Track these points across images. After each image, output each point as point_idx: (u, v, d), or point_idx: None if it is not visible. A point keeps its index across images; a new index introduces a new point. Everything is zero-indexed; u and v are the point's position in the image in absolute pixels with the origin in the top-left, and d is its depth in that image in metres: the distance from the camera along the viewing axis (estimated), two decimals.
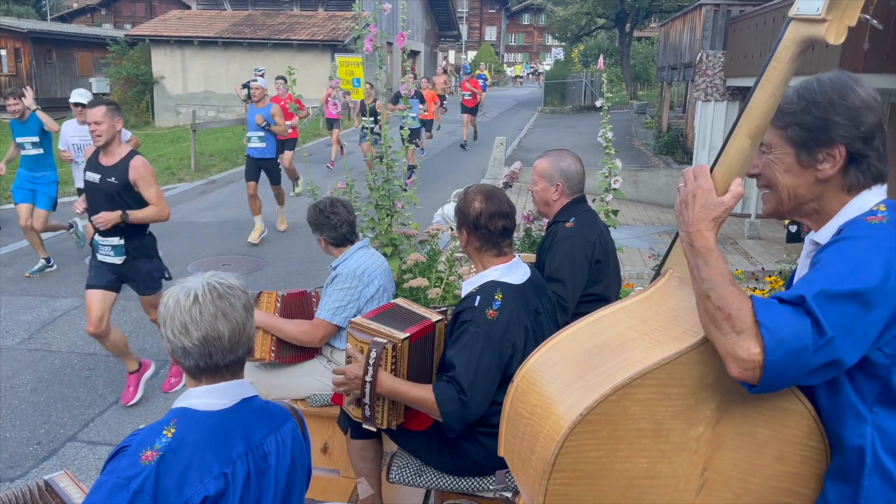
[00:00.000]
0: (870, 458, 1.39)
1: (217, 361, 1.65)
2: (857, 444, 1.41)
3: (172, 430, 1.59)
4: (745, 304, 1.30)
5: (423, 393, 2.40)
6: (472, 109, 18.68)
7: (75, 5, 47.55)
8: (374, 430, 2.59)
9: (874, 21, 1.51)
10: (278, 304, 3.33)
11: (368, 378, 2.43)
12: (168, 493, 1.52)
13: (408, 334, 2.49)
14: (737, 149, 1.47)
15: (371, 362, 2.42)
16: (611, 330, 1.54)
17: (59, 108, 27.92)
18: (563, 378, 1.51)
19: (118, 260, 4.41)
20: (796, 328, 1.26)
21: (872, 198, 1.44)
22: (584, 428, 1.40)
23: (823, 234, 1.46)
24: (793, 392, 1.46)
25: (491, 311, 2.40)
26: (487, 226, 2.50)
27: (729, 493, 1.48)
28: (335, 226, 3.32)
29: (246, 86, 15.97)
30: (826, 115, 1.42)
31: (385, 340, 2.45)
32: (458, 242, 2.67)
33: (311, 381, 3.38)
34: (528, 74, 59.40)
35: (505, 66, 62.85)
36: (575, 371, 1.49)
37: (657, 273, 1.68)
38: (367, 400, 2.47)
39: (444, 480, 2.65)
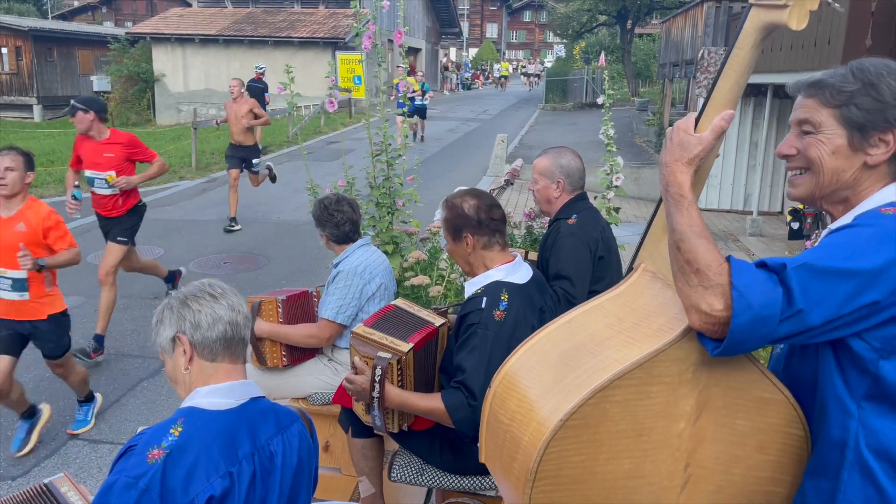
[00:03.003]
0: (851, 453, 1.37)
1: (243, 334, 1.75)
2: (839, 438, 1.39)
3: (179, 429, 1.60)
4: (716, 260, 1.30)
5: (432, 403, 2.39)
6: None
7: (76, 3, 47.57)
8: (385, 434, 2.59)
9: (836, 4, 1.48)
10: (280, 310, 3.32)
11: (375, 394, 2.42)
12: (175, 491, 1.52)
13: (411, 344, 2.45)
14: None
15: (377, 379, 2.40)
16: (586, 329, 1.52)
17: (61, 106, 27.99)
18: (541, 382, 1.49)
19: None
20: (767, 296, 1.25)
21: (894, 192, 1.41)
22: (564, 434, 1.38)
23: (839, 223, 1.44)
24: (771, 382, 1.45)
25: (498, 312, 2.38)
26: (490, 216, 2.51)
27: (712, 486, 1.47)
28: (338, 223, 3.32)
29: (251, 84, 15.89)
30: (884, 98, 1.37)
31: (389, 355, 2.42)
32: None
33: (312, 379, 3.38)
34: (523, 76, 48.71)
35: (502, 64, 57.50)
36: (553, 374, 1.47)
37: (630, 267, 1.66)
38: (376, 412, 2.47)
39: (446, 479, 2.65)
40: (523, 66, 53.21)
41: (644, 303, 1.52)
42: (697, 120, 1.46)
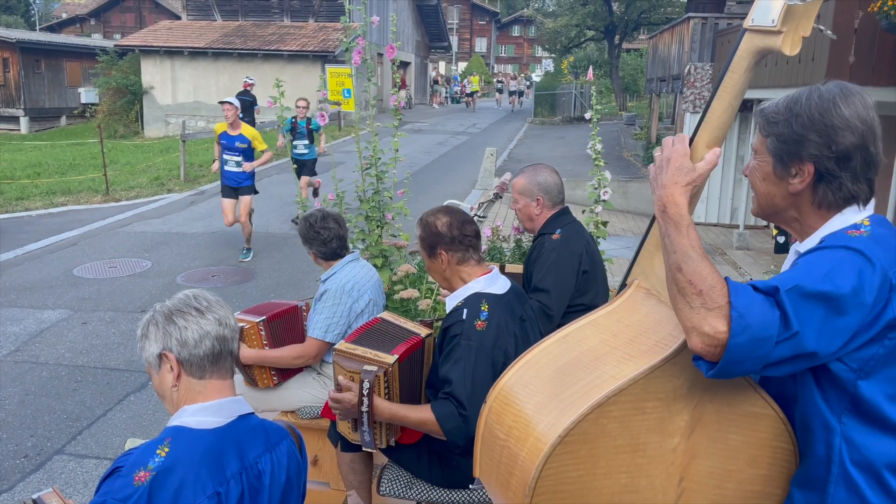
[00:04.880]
0: (836, 468, 1.40)
1: (231, 347, 1.71)
2: (824, 454, 1.42)
3: (166, 450, 1.58)
4: (719, 282, 1.31)
5: (422, 414, 2.39)
6: None
7: (64, 15, 47.51)
8: (374, 450, 2.58)
9: (828, 31, 1.51)
10: (262, 333, 3.27)
11: (364, 409, 2.42)
12: None
13: (396, 356, 2.45)
14: (697, 160, 1.48)
15: (365, 392, 2.40)
16: (582, 345, 1.54)
17: (48, 118, 27.85)
18: (537, 397, 1.50)
19: None
20: (765, 317, 1.27)
21: (858, 214, 1.44)
22: (563, 449, 1.39)
23: (806, 245, 1.47)
24: (761, 397, 1.48)
25: (479, 322, 2.41)
26: (463, 232, 2.55)
27: (705, 501, 1.49)
28: (325, 241, 3.30)
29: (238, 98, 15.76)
30: (803, 131, 1.40)
31: (375, 368, 2.42)
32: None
33: (300, 393, 3.37)
34: (498, 93, 40.89)
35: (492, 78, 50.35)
36: (550, 390, 1.48)
37: (623, 284, 1.67)
38: (365, 427, 2.46)
39: (435, 493, 2.65)
40: (499, 82, 42.73)
41: (639, 319, 1.54)
42: (691, 140, 1.49)
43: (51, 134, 25.20)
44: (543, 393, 1.49)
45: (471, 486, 2.42)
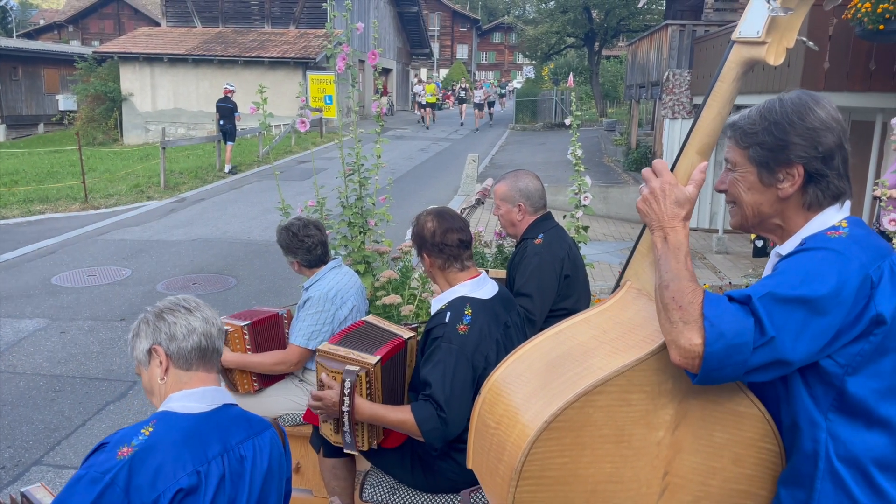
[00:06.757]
0: (823, 463, 1.44)
1: (217, 345, 1.81)
2: (811, 450, 1.46)
3: (150, 429, 1.67)
4: (697, 298, 1.36)
5: (402, 415, 2.40)
6: None
7: (42, 22, 47.06)
8: (356, 453, 2.58)
9: (810, 43, 1.59)
10: (247, 338, 3.26)
11: (346, 408, 2.43)
12: (141, 487, 1.58)
13: (378, 357, 2.47)
14: (688, 165, 1.55)
15: (346, 392, 2.42)
16: (573, 340, 1.58)
17: (25, 125, 27.52)
18: (527, 388, 1.54)
19: None
20: (738, 324, 1.32)
21: (836, 215, 1.49)
22: (549, 435, 1.43)
23: (787, 247, 1.51)
24: (747, 396, 1.51)
25: (462, 326, 2.42)
26: (444, 241, 2.56)
27: (689, 496, 1.52)
28: (309, 248, 3.28)
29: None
30: (785, 136, 1.46)
31: (357, 367, 2.44)
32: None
33: (283, 400, 3.36)
34: (461, 102, 33.07)
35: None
36: (539, 381, 1.53)
37: (616, 285, 1.73)
38: (346, 428, 2.47)
39: (418, 498, 2.65)
40: (462, 90, 34.58)
41: (629, 317, 1.59)
42: (683, 146, 1.56)
43: (28, 141, 24.90)
44: (533, 384, 1.54)
45: None
